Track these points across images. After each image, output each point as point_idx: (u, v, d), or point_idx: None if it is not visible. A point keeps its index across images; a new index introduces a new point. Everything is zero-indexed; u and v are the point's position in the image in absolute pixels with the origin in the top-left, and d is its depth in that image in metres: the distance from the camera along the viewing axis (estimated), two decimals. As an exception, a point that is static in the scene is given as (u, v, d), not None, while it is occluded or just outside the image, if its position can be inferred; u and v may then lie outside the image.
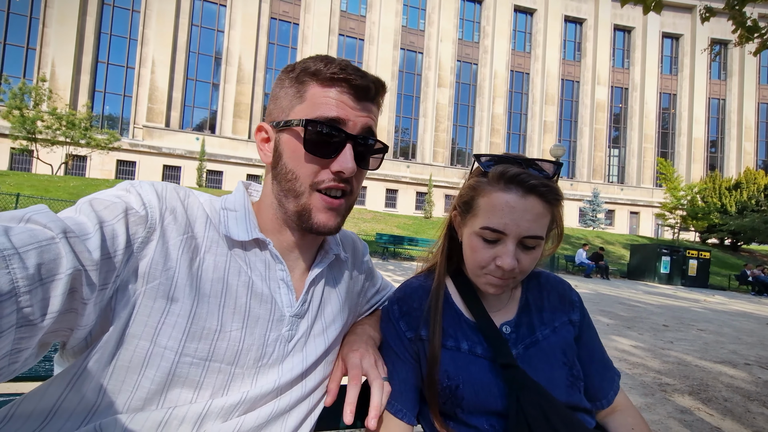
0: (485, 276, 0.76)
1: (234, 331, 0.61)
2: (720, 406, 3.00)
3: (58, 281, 0.43)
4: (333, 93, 0.64)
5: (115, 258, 0.51)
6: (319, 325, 0.74)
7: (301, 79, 0.65)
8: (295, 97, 0.66)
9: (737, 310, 9.56)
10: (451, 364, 0.77)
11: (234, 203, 0.69)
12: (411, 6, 33.68)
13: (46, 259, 0.42)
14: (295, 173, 0.65)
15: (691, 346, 4.87)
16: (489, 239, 0.73)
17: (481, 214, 0.74)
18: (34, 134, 20.16)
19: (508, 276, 0.74)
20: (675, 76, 37.19)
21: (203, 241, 0.62)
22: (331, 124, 0.63)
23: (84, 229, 0.48)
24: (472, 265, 0.78)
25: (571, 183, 34.14)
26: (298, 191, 0.65)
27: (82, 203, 0.53)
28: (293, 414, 0.67)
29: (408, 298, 0.85)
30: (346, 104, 0.64)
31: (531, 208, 0.70)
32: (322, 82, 0.64)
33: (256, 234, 0.66)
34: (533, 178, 0.71)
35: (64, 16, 25.77)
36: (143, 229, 0.55)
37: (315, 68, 0.64)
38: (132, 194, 0.57)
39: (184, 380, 0.57)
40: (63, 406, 0.52)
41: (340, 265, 0.83)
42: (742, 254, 25.04)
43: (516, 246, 0.72)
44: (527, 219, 0.70)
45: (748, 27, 5.32)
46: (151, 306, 0.55)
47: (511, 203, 0.71)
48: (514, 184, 0.71)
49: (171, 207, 0.60)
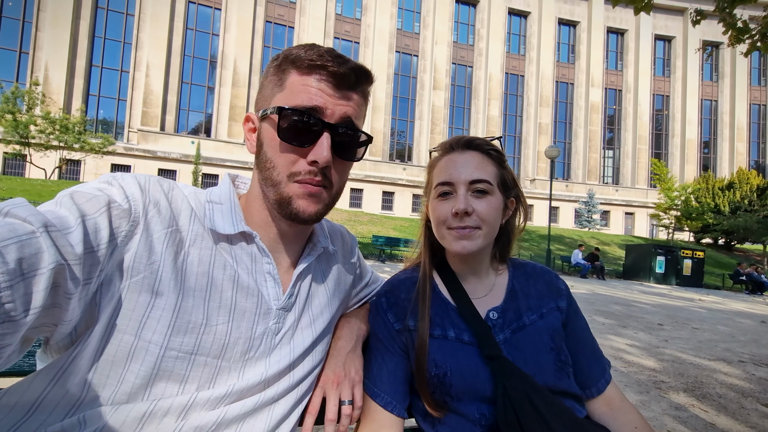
0: (448, 233, 0.81)
1: (220, 325, 0.61)
2: (714, 402, 3.01)
3: (40, 276, 0.42)
4: (311, 81, 0.62)
5: (98, 252, 0.50)
6: (306, 318, 0.73)
7: (282, 66, 0.64)
8: (276, 86, 0.64)
9: (731, 308, 9.63)
10: (439, 352, 0.78)
11: (219, 196, 0.68)
12: (406, 9, 33.81)
13: (27, 253, 0.41)
14: (273, 162, 0.64)
15: (685, 344, 4.90)
16: (444, 194, 0.82)
17: (434, 179, 0.85)
18: (27, 138, 19.99)
19: (466, 224, 0.78)
20: (668, 77, 37.54)
21: (188, 234, 0.61)
22: (307, 112, 0.61)
23: (65, 222, 0.47)
24: (436, 226, 0.83)
25: (567, 184, 34.31)
26: (276, 180, 0.64)
27: (62, 196, 0.51)
28: (280, 403, 0.67)
29: (395, 290, 0.87)
30: (324, 92, 0.62)
31: (471, 159, 0.82)
32: (301, 70, 0.62)
33: (242, 227, 0.65)
34: (468, 138, 0.85)
35: (57, 19, 25.64)
36: (127, 222, 0.54)
37: (295, 55, 0.62)
38: (114, 187, 0.56)
39: (169, 374, 0.56)
40: (47, 399, 0.51)
41: (329, 258, 0.83)
42: (736, 254, 25.25)
43: (467, 192, 0.79)
44: (470, 167, 0.81)
45: (739, 28, 5.38)
46: (135, 300, 0.54)
47: (453, 158, 0.83)
48: (454, 146, 0.85)
49: (154, 200, 0.59)
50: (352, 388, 0.74)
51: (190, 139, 28.01)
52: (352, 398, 0.73)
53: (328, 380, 0.74)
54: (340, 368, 0.76)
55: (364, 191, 30.23)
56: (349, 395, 0.73)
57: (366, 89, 0.68)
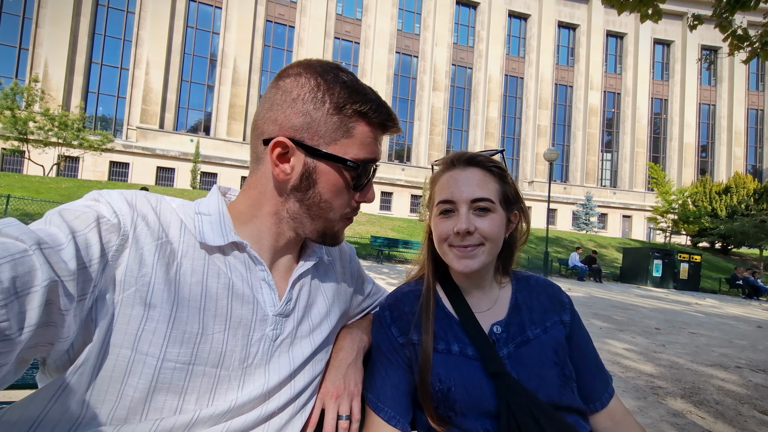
0: (450, 251, 0.81)
1: (216, 334, 0.61)
2: (712, 409, 3.02)
3: (34, 294, 0.42)
4: (378, 136, 0.70)
5: (90, 268, 0.50)
6: (306, 326, 0.73)
7: (347, 112, 0.65)
8: (339, 129, 0.65)
9: (728, 313, 9.66)
10: (443, 367, 0.78)
11: (208, 207, 0.67)
12: (406, 10, 33.86)
13: (21, 272, 0.41)
14: (330, 204, 0.69)
15: (683, 349, 4.91)
16: (446, 212, 0.82)
17: (436, 197, 0.85)
18: (25, 135, 19.93)
19: (468, 242, 0.78)
20: (666, 81, 37.70)
21: (179, 245, 0.61)
22: (375, 163, 0.71)
23: (56, 239, 0.48)
24: (438, 243, 0.83)
25: (565, 187, 34.40)
26: (331, 219, 0.70)
27: (51, 214, 0.52)
28: (281, 416, 0.67)
29: (399, 303, 0.87)
30: (379, 143, 0.71)
31: (472, 176, 0.81)
32: (372, 125, 0.68)
33: (233, 237, 0.65)
34: (470, 154, 0.84)
35: (57, 16, 25.57)
36: (116, 236, 0.55)
37: (364, 109, 0.66)
38: (102, 203, 0.57)
39: (168, 386, 0.56)
40: (47, 417, 0.51)
41: (326, 268, 0.83)
42: (733, 258, 25.35)
43: (469, 211, 0.79)
44: (471, 184, 0.80)
45: (738, 36, 5.40)
46: (129, 314, 0.55)
47: (455, 176, 0.83)
48: (456, 162, 0.84)
49: (142, 213, 0.59)
50: (350, 402, 0.74)
51: (189, 137, 27.96)
52: (350, 412, 0.73)
53: (328, 393, 0.74)
54: (340, 381, 0.76)
55: (362, 191, 30.21)
56: (347, 410, 0.73)
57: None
